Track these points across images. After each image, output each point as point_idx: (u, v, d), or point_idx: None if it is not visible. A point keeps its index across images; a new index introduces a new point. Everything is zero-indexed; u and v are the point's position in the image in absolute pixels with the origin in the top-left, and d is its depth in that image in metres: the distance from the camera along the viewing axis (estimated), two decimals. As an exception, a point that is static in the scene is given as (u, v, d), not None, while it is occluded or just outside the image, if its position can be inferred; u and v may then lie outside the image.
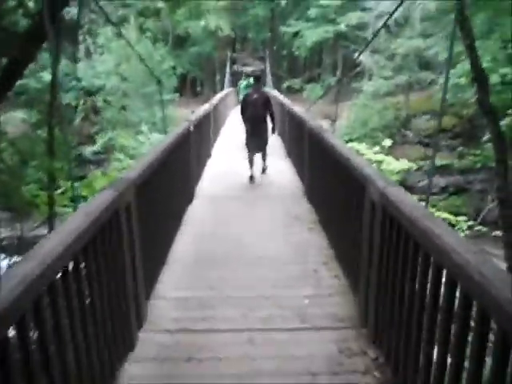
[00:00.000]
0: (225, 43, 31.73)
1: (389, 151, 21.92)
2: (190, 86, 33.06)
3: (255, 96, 6.94)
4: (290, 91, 29.35)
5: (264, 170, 7.59)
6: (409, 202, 2.21)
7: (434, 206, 12.93)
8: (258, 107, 6.88)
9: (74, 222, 1.95)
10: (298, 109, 8.05)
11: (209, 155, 9.05)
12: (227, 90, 15.57)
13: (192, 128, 6.09)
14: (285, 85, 29.95)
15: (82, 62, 25.82)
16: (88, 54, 26.69)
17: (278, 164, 8.32)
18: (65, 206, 8.23)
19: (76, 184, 7.53)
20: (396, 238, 2.27)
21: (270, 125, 7.18)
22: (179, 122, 6.59)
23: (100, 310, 2.13)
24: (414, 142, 23.27)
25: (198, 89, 33.68)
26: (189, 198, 5.93)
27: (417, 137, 23.53)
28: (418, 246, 2.00)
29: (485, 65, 8.66)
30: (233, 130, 12.36)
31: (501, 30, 12.45)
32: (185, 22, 27.69)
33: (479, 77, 7.86)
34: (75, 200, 5.76)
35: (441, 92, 20.13)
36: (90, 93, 21.57)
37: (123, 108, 20.44)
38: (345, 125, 23.50)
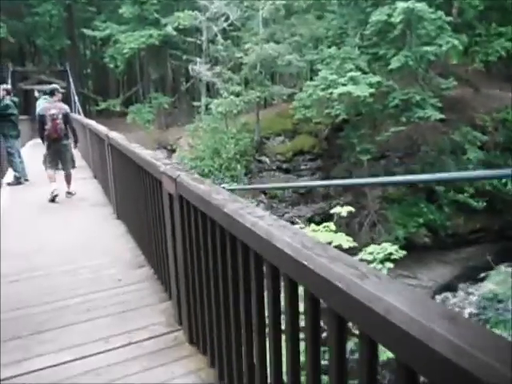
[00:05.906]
0: (5, 54, 23.07)
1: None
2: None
3: (53, 111, 6.69)
4: (106, 115, 22.56)
5: (70, 194, 6.93)
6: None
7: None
8: (59, 122, 6.77)
9: None
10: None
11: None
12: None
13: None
14: (97, 107, 23.04)
15: None
16: None
17: None
18: None
19: None
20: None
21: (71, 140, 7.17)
22: None
23: None
24: (272, 169, 20.03)
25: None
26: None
27: (274, 163, 20.12)
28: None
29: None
30: None
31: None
32: None
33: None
34: None
35: (296, 109, 16.30)
36: None
37: None
38: (188, 156, 18.01)
